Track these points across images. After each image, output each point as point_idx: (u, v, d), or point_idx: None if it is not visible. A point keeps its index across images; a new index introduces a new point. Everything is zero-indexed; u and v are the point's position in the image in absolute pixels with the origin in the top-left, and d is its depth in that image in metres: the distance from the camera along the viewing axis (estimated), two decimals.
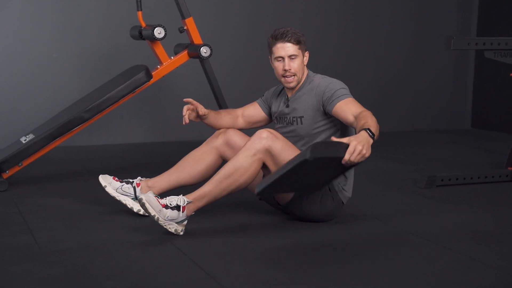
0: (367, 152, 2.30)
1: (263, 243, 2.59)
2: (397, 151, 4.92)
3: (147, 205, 2.58)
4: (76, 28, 4.73)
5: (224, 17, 5.21)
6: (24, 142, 3.47)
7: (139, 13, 3.75)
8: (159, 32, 3.64)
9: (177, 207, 2.61)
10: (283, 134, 2.85)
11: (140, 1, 3.74)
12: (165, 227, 2.61)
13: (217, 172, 2.70)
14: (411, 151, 4.95)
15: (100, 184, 2.94)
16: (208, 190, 2.66)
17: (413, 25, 6.01)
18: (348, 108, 2.67)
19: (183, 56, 3.81)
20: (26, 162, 3.47)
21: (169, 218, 2.60)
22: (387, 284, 2.19)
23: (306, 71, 2.91)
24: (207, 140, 3.00)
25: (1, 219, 2.87)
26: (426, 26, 6.05)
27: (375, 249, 2.55)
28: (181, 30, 3.78)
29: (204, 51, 3.74)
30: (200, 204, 2.67)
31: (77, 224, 2.80)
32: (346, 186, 2.86)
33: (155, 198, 2.61)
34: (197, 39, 3.79)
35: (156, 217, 2.58)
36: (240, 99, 5.16)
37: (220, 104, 3.89)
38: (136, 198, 2.89)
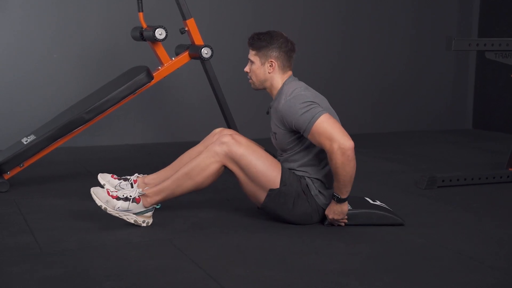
0: (341, 218, 2.77)
1: (263, 244, 2.59)
2: (398, 151, 4.92)
3: (93, 196, 2.70)
4: (77, 29, 4.74)
5: (225, 18, 5.22)
6: (25, 143, 3.47)
7: (140, 14, 3.76)
8: (160, 33, 3.64)
9: (129, 198, 2.70)
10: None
11: (141, 2, 3.75)
12: (120, 217, 2.71)
13: (179, 169, 2.80)
14: (412, 151, 4.95)
15: (99, 183, 3.04)
16: (166, 185, 2.76)
17: (414, 25, 6.01)
18: (316, 141, 2.67)
19: (184, 57, 3.81)
20: (27, 163, 3.47)
21: (120, 208, 2.69)
22: (387, 284, 2.19)
23: (278, 79, 2.85)
24: (203, 139, 3.04)
25: (1, 219, 2.87)
26: (427, 26, 6.05)
27: (375, 250, 2.55)
28: (182, 31, 3.78)
29: (205, 52, 3.74)
30: (159, 197, 2.75)
31: (77, 224, 2.80)
32: (325, 192, 2.82)
33: (103, 190, 2.72)
34: (198, 40, 3.80)
35: (103, 207, 2.69)
36: (241, 100, 5.20)
37: (221, 105, 3.89)
38: None
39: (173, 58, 3.79)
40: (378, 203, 2.97)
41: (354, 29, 5.75)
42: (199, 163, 2.74)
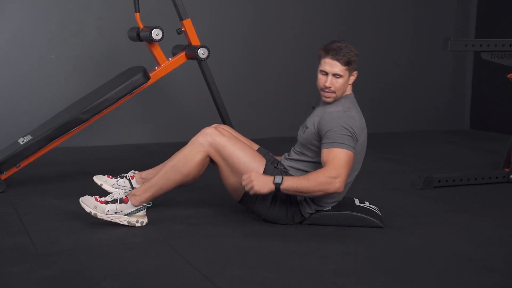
0: (254, 187, 2.59)
1: (260, 245, 2.59)
2: (396, 152, 4.92)
3: (82, 204, 2.72)
4: (75, 30, 4.73)
5: (222, 18, 5.21)
6: (22, 143, 3.47)
7: (137, 14, 3.75)
8: (156, 34, 3.64)
9: (116, 200, 2.72)
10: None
11: (138, 3, 3.75)
12: (112, 221, 2.72)
13: (165, 164, 2.85)
14: (410, 152, 4.95)
15: (96, 184, 3.05)
16: (155, 181, 2.78)
17: (412, 26, 6.01)
18: (325, 157, 2.64)
19: (181, 57, 3.81)
20: (23, 163, 3.46)
21: (110, 211, 2.71)
22: (385, 285, 2.19)
23: (349, 90, 2.86)
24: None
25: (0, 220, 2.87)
26: (427, 26, 6.05)
27: (372, 250, 2.55)
28: (179, 32, 3.78)
29: (202, 52, 3.74)
30: (148, 194, 2.76)
31: (74, 225, 2.80)
32: (310, 202, 2.81)
33: (91, 197, 2.73)
34: (194, 40, 3.79)
35: (93, 213, 2.71)
36: (238, 101, 5.19)
37: (218, 105, 3.88)
38: (133, 189, 2.95)
39: (169, 59, 3.79)
40: (366, 204, 2.93)
41: (354, 29, 5.74)
42: (185, 154, 2.78)
